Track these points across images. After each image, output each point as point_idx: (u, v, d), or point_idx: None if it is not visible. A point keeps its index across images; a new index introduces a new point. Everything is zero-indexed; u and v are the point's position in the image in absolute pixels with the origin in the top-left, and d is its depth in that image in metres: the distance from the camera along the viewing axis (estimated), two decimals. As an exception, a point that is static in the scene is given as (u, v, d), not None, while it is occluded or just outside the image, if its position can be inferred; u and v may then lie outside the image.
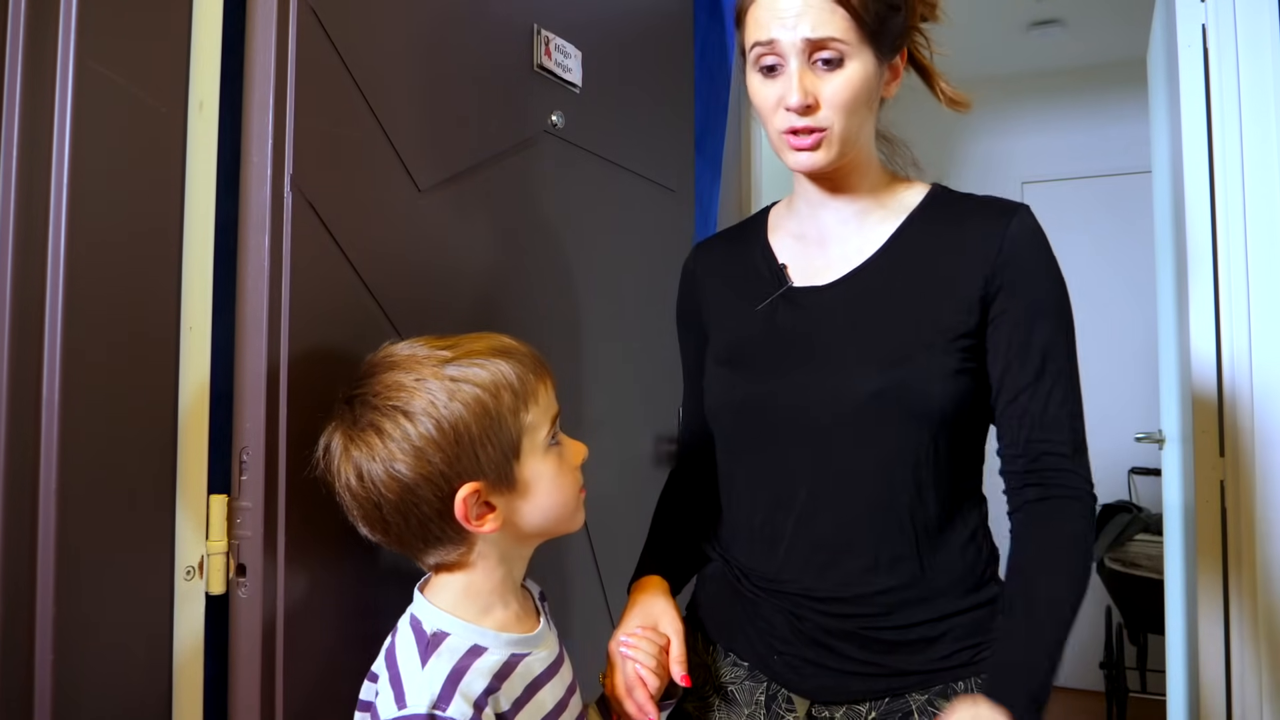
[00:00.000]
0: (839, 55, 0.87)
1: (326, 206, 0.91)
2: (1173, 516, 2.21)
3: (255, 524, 0.84)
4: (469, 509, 0.78)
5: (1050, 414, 0.89)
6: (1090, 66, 3.58)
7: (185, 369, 0.83)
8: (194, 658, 0.83)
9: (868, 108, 0.91)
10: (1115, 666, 3.00)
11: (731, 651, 1.00)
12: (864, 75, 0.88)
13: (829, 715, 0.93)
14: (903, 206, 0.98)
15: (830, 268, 0.97)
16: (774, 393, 0.95)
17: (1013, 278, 0.90)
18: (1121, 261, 3.54)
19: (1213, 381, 1.73)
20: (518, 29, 1.22)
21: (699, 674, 1.01)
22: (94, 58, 0.75)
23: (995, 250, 0.90)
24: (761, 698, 0.96)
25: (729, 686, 0.99)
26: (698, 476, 1.09)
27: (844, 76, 0.88)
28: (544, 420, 0.82)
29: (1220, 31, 1.72)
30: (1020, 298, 0.90)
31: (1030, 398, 0.89)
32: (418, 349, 0.81)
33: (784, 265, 1.00)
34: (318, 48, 0.91)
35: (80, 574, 0.74)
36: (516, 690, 0.80)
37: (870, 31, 0.87)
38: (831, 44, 0.86)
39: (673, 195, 1.63)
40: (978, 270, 0.91)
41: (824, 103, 0.88)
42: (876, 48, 0.89)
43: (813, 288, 0.97)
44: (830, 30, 0.86)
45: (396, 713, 0.73)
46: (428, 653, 0.77)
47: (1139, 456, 3.36)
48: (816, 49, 0.87)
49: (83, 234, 0.74)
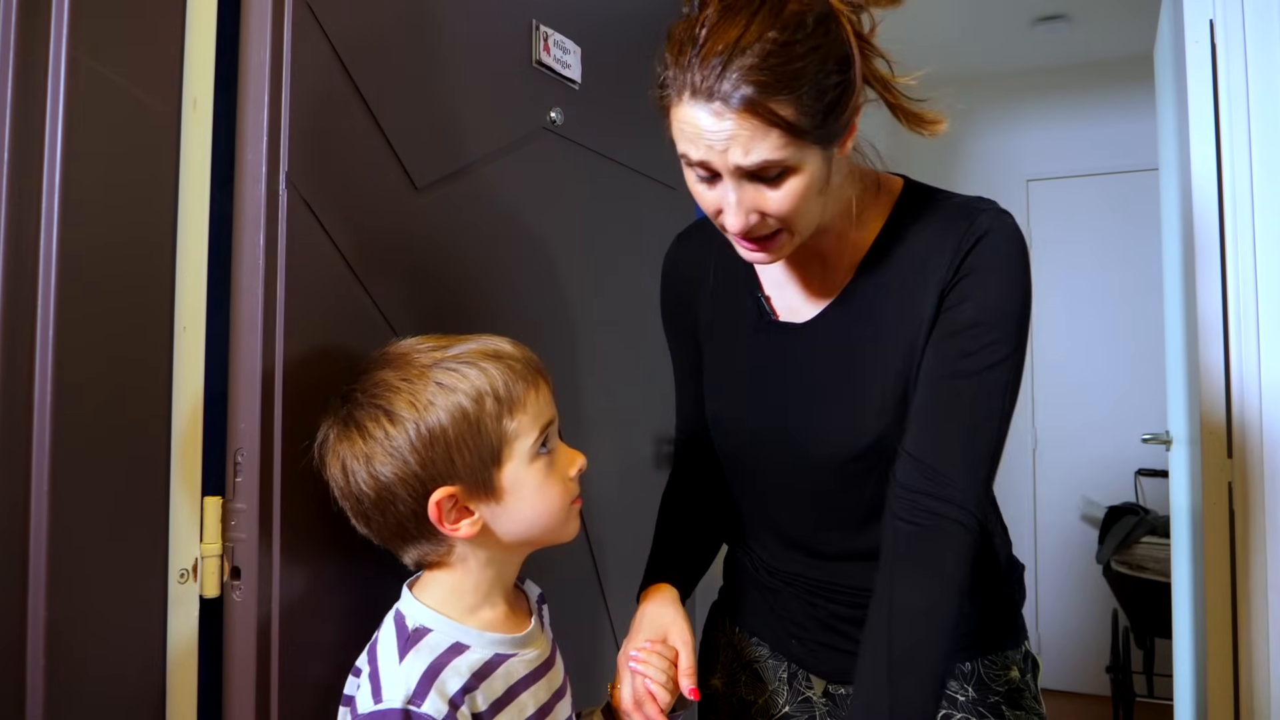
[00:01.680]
0: (779, 170, 0.79)
1: (322, 204, 0.91)
2: (1180, 518, 2.21)
3: (250, 526, 0.84)
4: (443, 512, 0.79)
5: (953, 417, 0.85)
6: (1096, 62, 3.58)
7: (179, 369, 0.83)
8: (188, 661, 0.83)
9: (821, 196, 0.84)
10: (1122, 671, 3.00)
11: (755, 635, 1.07)
12: (810, 179, 0.80)
13: (845, 693, 1.00)
14: (872, 229, 0.93)
15: (809, 302, 0.96)
16: (756, 437, 0.98)
17: (962, 282, 0.86)
18: (1128, 260, 3.54)
19: (1220, 382, 1.73)
20: (516, 24, 1.22)
21: (727, 652, 1.09)
22: (86, 53, 0.75)
23: (950, 260, 0.87)
24: (784, 675, 1.04)
25: (754, 664, 1.06)
26: (698, 478, 1.09)
27: (786, 190, 0.80)
28: (532, 428, 0.82)
29: (1228, 26, 1.72)
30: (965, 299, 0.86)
31: (935, 395, 0.86)
32: (413, 347, 0.83)
33: (767, 297, 0.98)
34: (313, 44, 0.91)
35: (72, 576, 0.74)
36: (497, 691, 0.81)
37: (811, 136, 0.78)
38: (768, 164, 0.78)
39: (673, 193, 1.62)
40: (934, 284, 0.88)
41: (770, 215, 0.82)
42: (823, 143, 0.80)
43: (792, 324, 0.96)
44: (764, 154, 0.77)
45: (373, 707, 0.75)
46: (406, 648, 0.78)
47: (1146, 458, 3.36)
48: (752, 172, 0.79)
49: (75, 233, 0.74)
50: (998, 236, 0.87)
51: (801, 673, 1.03)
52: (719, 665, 1.09)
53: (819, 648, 1.00)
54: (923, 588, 0.82)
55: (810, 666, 1.01)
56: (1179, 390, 2.20)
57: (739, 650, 1.08)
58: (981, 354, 0.85)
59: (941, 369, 0.86)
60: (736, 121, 0.76)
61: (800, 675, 1.03)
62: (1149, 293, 3.42)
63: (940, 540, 0.83)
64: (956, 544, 0.83)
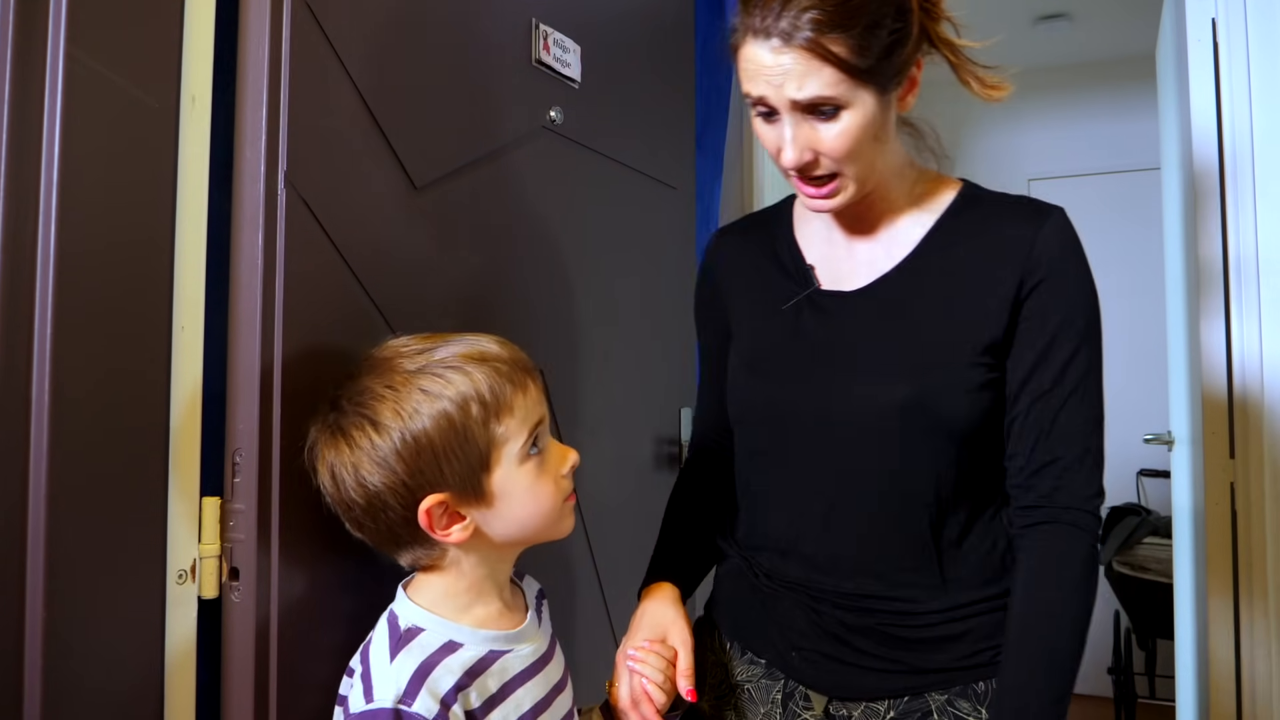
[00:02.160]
0: (833, 107, 0.84)
1: (321, 203, 0.91)
2: (1182, 519, 2.20)
3: (248, 527, 0.84)
4: (434, 519, 0.79)
5: (1061, 424, 0.88)
6: (1098, 61, 3.58)
7: (177, 369, 0.83)
8: (186, 663, 0.83)
9: (877, 142, 0.88)
10: (1124, 672, 3.00)
11: (749, 650, 1.01)
12: (863, 119, 0.85)
13: (846, 713, 0.94)
14: (933, 209, 0.96)
15: (857, 272, 0.97)
16: (797, 399, 0.95)
17: (1041, 283, 0.88)
18: (1130, 260, 3.54)
19: (1223, 381, 1.73)
20: (516, 23, 1.22)
21: (716, 673, 1.03)
22: (84, 51, 0.75)
23: (1025, 255, 0.89)
24: (778, 696, 0.97)
25: (746, 685, 1.00)
26: (712, 475, 1.09)
27: (840, 128, 0.85)
28: (520, 430, 0.82)
29: (1231, 25, 1.72)
30: (1046, 304, 0.89)
31: (1043, 407, 0.88)
32: (399, 351, 0.82)
33: (812, 266, 0.99)
34: (312, 41, 0.91)
35: (70, 578, 0.74)
36: (491, 688, 0.81)
37: (865, 75, 0.83)
38: (821, 100, 0.83)
39: (674, 192, 1.63)
40: (1008, 278, 0.89)
41: (824, 154, 0.87)
42: (877, 85, 0.84)
43: (840, 293, 0.96)
44: (817, 89, 0.82)
45: (364, 706, 0.75)
46: (398, 647, 0.79)
47: (1147, 458, 3.36)
48: (808, 106, 0.84)
49: (72, 232, 0.74)
50: (1072, 241, 0.90)
51: (799, 691, 0.96)
52: (707, 686, 1.03)
53: (822, 659, 0.94)
54: (1056, 591, 0.87)
55: (811, 682, 0.95)
56: (1181, 390, 2.20)
57: (729, 669, 1.02)
58: (1075, 365, 0.88)
59: (1039, 384, 0.89)
60: (792, 57, 0.82)
61: (798, 695, 0.96)
62: (1150, 293, 3.42)
63: (1066, 542, 0.87)
64: (1084, 543, 0.87)
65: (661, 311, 1.58)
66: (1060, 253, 0.89)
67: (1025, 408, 0.89)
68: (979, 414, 0.89)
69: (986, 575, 0.92)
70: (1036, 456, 0.89)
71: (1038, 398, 0.89)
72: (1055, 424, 0.88)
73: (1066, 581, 0.87)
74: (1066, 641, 0.85)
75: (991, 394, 0.90)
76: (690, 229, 1.71)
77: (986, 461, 0.93)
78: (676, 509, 1.10)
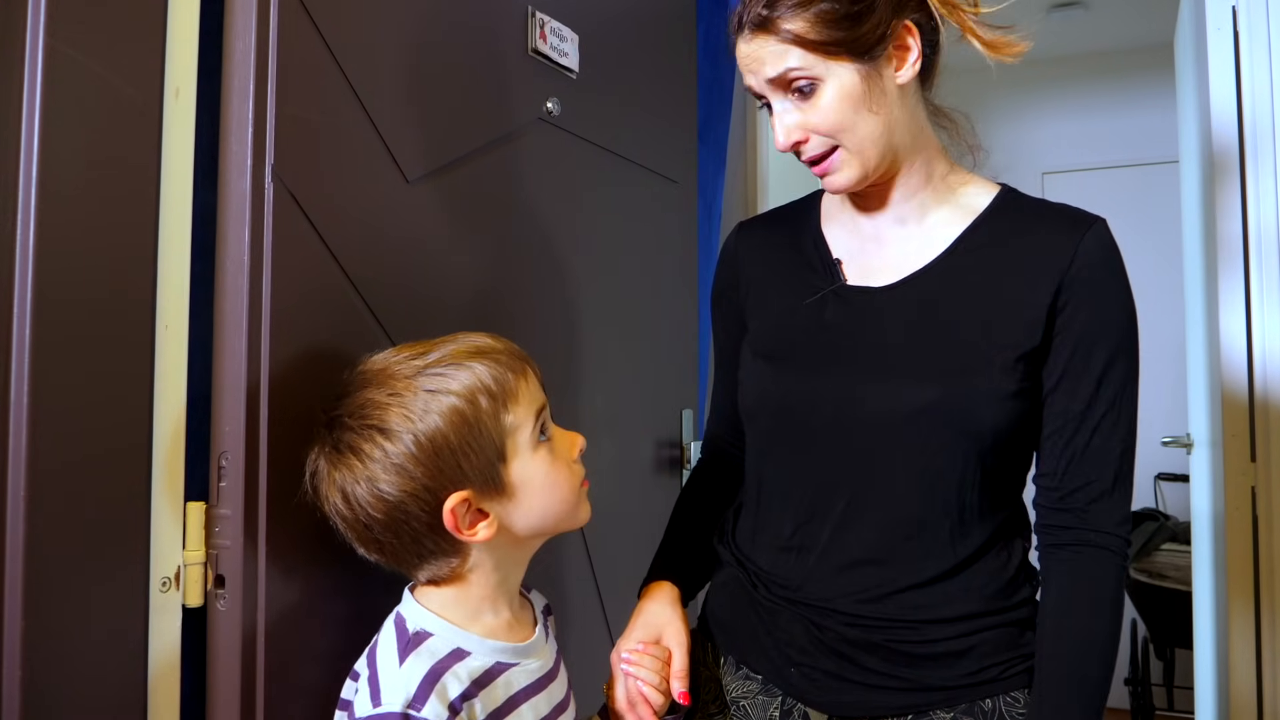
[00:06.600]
0: (809, 81, 0.88)
1: (310, 198, 0.91)
2: (1201, 525, 2.20)
3: (234, 533, 0.84)
4: (459, 519, 0.79)
5: (1094, 447, 0.89)
6: (1114, 51, 3.58)
7: (161, 370, 0.83)
8: (170, 673, 0.83)
9: (870, 113, 0.89)
10: (1141, 683, 3.00)
11: (744, 664, 1.00)
12: (842, 91, 0.88)
13: None
14: (969, 208, 0.96)
15: (887, 268, 0.96)
16: (817, 392, 0.94)
17: (1080, 296, 0.89)
18: (1147, 256, 3.54)
19: (1244, 382, 1.73)
20: (512, 11, 1.22)
21: (709, 688, 1.02)
22: (64, 40, 0.75)
23: (1065, 265, 0.89)
24: (775, 714, 0.96)
25: (741, 702, 0.99)
26: (723, 475, 1.09)
27: (819, 102, 0.89)
28: (527, 417, 0.83)
29: (1252, 13, 1.72)
30: (1084, 318, 0.89)
31: (1077, 428, 0.89)
32: (391, 361, 0.82)
33: (839, 260, 0.99)
34: (300, 31, 0.91)
35: (50, 585, 0.74)
36: (497, 700, 0.81)
37: (831, 47, 0.87)
38: (793, 75, 0.88)
39: (675, 186, 1.63)
40: (1045, 286, 0.89)
41: (813, 130, 0.90)
42: (852, 55, 0.87)
43: (868, 288, 0.96)
44: (785, 63, 0.88)
45: (371, 710, 0.75)
46: (406, 651, 0.79)
47: (1166, 461, 3.36)
48: (786, 84, 0.89)
49: (52, 227, 0.74)
50: (1114, 253, 0.91)
51: (798, 709, 0.95)
52: (700, 702, 1.01)
53: (823, 677, 0.93)
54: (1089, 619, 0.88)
55: (811, 700, 0.94)
56: (1200, 391, 2.20)
57: (723, 685, 1.01)
58: (1111, 383, 0.90)
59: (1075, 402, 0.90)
60: (759, 42, 0.89)
61: (796, 713, 0.95)
62: (1169, 290, 3.42)
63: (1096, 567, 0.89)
64: (1114, 568, 0.89)
65: (663, 310, 1.58)
66: (1101, 265, 0.90)
67: (1059, 425, 0.90)
68: (1009, 422, 0.89)
69: (997, 588, 0.92)
70: (1069, 480, 0.90)
71: (1072, 416, 0.90)
72: (1090, 446, 0.89)
73: (1098, 608, 0.88)
74: (1097, 669, 0.87)
75: (1023, 403, 0.90)
76: (692, 224, 1.71)
77: (1011, 470, 0.93)
78: (684, 509, 1.10)
